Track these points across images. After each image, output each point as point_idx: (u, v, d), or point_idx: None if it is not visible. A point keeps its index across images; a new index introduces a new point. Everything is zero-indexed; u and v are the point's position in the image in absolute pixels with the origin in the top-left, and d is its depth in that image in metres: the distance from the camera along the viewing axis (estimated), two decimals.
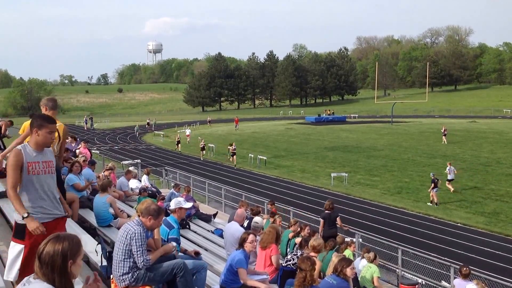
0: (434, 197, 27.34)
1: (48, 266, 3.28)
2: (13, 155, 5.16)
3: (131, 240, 6.04)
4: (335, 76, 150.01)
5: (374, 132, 66.32)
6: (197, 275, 7.10)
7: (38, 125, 5.26)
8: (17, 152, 5.16)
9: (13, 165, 5.11)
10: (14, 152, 5.18)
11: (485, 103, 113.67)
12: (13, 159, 5.11)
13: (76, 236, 3.47)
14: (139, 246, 6.06)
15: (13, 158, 5.11)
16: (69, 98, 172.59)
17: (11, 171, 5.09)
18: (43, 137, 5.27)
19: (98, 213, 9.95)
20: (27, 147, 5.26)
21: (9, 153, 5.84)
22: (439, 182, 27.75)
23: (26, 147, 5.25)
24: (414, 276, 14.54)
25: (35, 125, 5.27)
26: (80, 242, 3.44)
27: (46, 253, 3.29)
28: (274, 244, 9.51)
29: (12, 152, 5.21)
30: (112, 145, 58.84)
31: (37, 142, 5.28)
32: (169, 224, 7.96)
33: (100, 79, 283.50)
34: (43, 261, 3.29)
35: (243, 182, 33.36)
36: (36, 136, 5.26)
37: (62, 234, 3.44)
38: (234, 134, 68.09)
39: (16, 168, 5.12)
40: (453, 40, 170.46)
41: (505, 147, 48.26)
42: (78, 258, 3.39)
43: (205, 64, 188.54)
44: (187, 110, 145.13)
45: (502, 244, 20.84)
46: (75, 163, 11.81)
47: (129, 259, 6.08)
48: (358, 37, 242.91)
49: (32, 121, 5.34)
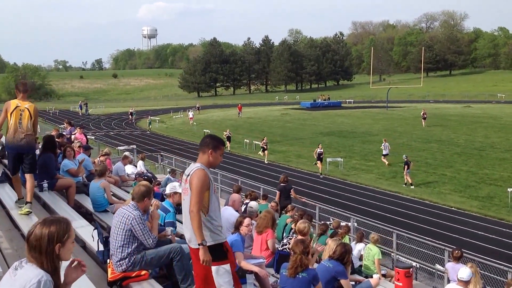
0: (408, 179, 28.12)
1: (36, 250, 3.28)
2: (202, 175, 5.10)
3: (133, 226, 6.08)
4: (331, 61, 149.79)
5: (369, 117, 66.37)
6: None
7: (214, 147, 5.26)
8: (204, 173, 5.12)
9: (203, 186, 5.06)
10: (202, 173, 5.12)
11: (479, 88, 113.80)
12: (203, 179, 5.06)
13: (65, 219, 3.46)
14: (143, 228, 6.12)
15: (203, 178, 5.06)
16: (63, 83, 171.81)
17: (199, 191, 5.03)
18: (216, 158, 5.29)
19: (94, 199, 9.96)
20: (205, 166, 5.22)
21: None
22: (411, 164, 28.63)
23: (205, 167, 5.22)
24: (408, 259, 14.65)
25: (211, 146, 5.25)
26: (69, 225, 3.42)
27: (33, 236, 3.30)
28: (270, 229, 9.57)
29: (199, 172, 5.14)
30: (107, 130, 58.74)
31: (210, 162, 5.27)
32: (165, 208, 8.01)
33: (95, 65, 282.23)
34: (31, 245, 3.29)
35: (239, 168, 33.40)
36: (210, 157, 5.25)
37: (51, 217, 3.45)
38: (229, 120, 68.03)
39: (205, 190, 5.10)
40: (448, 25, 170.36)
41: (499, 132, 48.43)
42: (67, 241, 3.37)
43: (200, 49, 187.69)
44: (182, 95, 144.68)
45: (496, 227, 21.01)
46: (67, 148, 11.79)
47: (127, 244, 6.12)
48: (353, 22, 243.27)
49: (208, 142, 5.31)
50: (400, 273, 11.59)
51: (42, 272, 3.24)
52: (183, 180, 5.32)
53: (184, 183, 5.25)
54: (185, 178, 5.26)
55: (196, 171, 5.12)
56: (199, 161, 5.29)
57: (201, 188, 5.04)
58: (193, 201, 5.01)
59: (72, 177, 11.00)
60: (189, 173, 5.17)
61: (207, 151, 5.24)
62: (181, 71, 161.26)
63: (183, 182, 5.33)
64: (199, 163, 5.24)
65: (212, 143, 5.27)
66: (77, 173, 11.37)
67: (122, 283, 6.23)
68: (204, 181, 5.06)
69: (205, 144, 5.28)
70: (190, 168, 5.31)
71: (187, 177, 5.19)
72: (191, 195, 5.05)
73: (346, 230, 13.62)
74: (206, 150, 5.24)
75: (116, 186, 13.22)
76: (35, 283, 3.18)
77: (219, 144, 5.30)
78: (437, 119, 60.81)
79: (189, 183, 5.12)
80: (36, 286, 3.18)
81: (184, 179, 5.31)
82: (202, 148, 5.29)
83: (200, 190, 5.03)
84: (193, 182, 5.05)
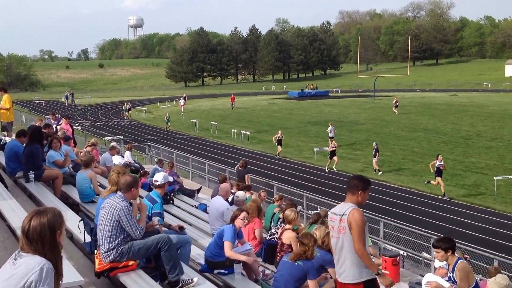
0: (375, 165, 28.80)
1: (38, 242, 3.29)
2: (361, 215, 5.34)
3: (120, 216, 6.06)
4: (318, 51, 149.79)
5: (357, 107, 66.52)
6: (181, 249, 7.15)
7: (363, 188, 5.48)
8: (361, 212, 5.38)
9: (363, 225, 5.32)
10: (360, 212, 5.37)
11: (466, 77, 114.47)
12: (362, 219, 5.32)
13: (55, 208, 3.50)
14: (130, 219, 6.12)
15: (362, 218, 5.32)
16: (49, 74, 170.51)
17: (361, 230, 5.30)
18: (364, 198, 5.53)
19: (81, 189, 9.92)
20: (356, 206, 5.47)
21: None
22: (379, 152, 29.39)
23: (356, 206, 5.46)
24: (395, 248, 14.75)
25: (360, 188, 5.47)
26: (60, 212, 3.46)
27: (33, 229, 3.30)
28: (257, 218, 9.60)
29: (358, 212, 5.36)
30: (94, 121, 58.43)
31: (359, 202, 5.49)
32: (152, 199, 7.97)
33: (81, 55, 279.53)
34: (31, 238, 3.30)
35: (227, 158, 33.38)
36: (359, 198, 5.48)
37: (43, 208, 3.46)
38: (217, 110, 67.90)
39: (365, 227, 5.37)
40: (435, 14, 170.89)
41: (485, 120, 48.75)
42: (63, 228, 3.43)
43: (187, 38, 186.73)
44: (169, 85, 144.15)
45: (482, 215, 21.17)
46: (53, 139, 11.71)
47: (115, 235, 6.10)
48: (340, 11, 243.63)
49: (357, 184, 5.52)
50: (387, 261, 11.70)
51: (44, 260, 3.26)
52: (336, 219, 5.49)
53: (339, 222, 5.45)
54: (338, 217, 5.46)
55: (353, 211, 5.36)
56: (349, 201, 5.54)
57: (362, 227, 5.35)
58: (357, 239, 5.30)
59: (58, 168, 10.93)
60: (344, 213, 5.41)
61: (356, 193, 5.50)
62: (168, 61, 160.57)
63: (336, 221, 5.51)
64: (350, 203, 5.48)
65: (361, 185, 5.52)
66: (63, 164, 11.30)
67: (109, 274, 6.22)
68: (363, 220, 5.37)
69: (355, 186, 5.54)
70: (341, 208, 5.53)
71: (341, 217, 5.41)
72: (353, 234, 5.31)
73: None
74: (355, 191, 5.50)
75: (103, 176, 13.15)
76: (38, 270, 3.20)
77: (367, 185, 5.58)
78: (423, 108, 61.11)
79: (346, 222, 5.36)
80: (39, 273, 3.20)
81: (337, 218, 5.50)
82: (351, 190, 5.55)
83: (362, 229, 5.33)
84: (353, 221, 5.31)
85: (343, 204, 5.53)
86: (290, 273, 6.67)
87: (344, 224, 5.35)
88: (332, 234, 5.65)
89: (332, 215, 5.57)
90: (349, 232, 5.31)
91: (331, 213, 5.64)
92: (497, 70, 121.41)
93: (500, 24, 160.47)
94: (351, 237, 5.31)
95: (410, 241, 15.13)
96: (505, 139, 38.01)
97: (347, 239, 5.36)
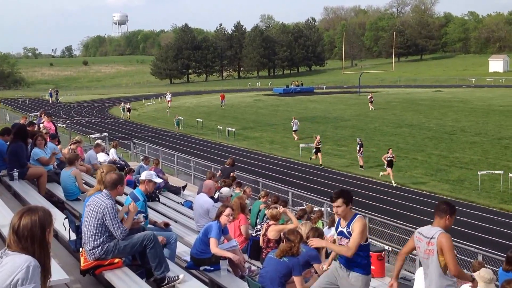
0: (360, 160, 28.85)
1: (28, 239, 3.30)
2: (449, 238, 5.47)
3: (104, 215, 6.05)
4: (303, 47, 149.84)
5: (342, 103, 66.76)
6: (167, 246, 7.15)
7: (451, 213, 5.60)
8: (449, 236, 5.50)
9: (453, 248, 5.54)
10: (449, 236, 5.49)
11: (450, 73, 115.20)
12: (451, 242, 5.48)
13: (43, 206, 3.52)
14: (113, 218, 6.09)
15: (451, 242, 5.47)
16: (33, 71, 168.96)
17: (453, 253, 5.50)
18: (451, 223, 5.63)
19: (65, 187, 9.86)
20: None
21: None
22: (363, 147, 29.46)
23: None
24: (380, 243, 14.83)
25: (448, 213, 5.59)
26: (50, 211, 3.48)
27: (24, 227, 3.30)
28: (242, 214, 9.63)
29: (447, 235, 5.49)
30: (78, 118, 58.06)
31: (446, 226, 5.59)
32: (135, 196, 7.94)
33: (65, 52, 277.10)
34: (21, 235, 3.30)
35: (212, 154, 33.36)
36: (447, 222, 5.59)
37: (33, 206, 3.48)
38: (202, 107, 67.77)
39: (453, 248, 5.56)
40: (419, 9, 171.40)
41: (469, 116, 49.13)
42: (52, 226, 3.45)
43: (172, 35, 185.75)
44: (154, 82, 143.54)
45: (467, 210, 21.35)
46: (38, 137, 11.63)
47: (100, 233, 6.09)
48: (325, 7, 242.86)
49: (446, 208, 5.63)
50: (372, 256, 11.75)
51: (30, 258, 3.26)
52: (423, 241, 5.63)
53: (427, 245, 5.58)
54: (426, 240, 5.58)
55: (442, 234, 5.50)
56: (436, 224, 5.66)
57: (453, 250, 5.52)
58: (452, 262, 5.45)
59: (43, 166, 10.87)
60: (432, 236, 5.54)
61: (444, 217, 5.61)
62: (152, 58, 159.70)
63: (423, 242, 5.64)
64: (438, 227, 5.61)
65: (449, 210, 5.64)
66: (48, 162, 11.23)
67: (95, 272, 6.21)
68: (452, 243, 5.51)
69: (443, 210, 5.65)
70: (429, 231, 5.64)
71: (429, 240, 5.55)
72: (447, 258, 5.46)
73: (319, 215, 13.76)
74: (443, 215, 5.62)
75: (88, 174, 13.10)
76: (24, 268, 3.20)
77: (455, 210, 5.70)
78: (408, 104, 61.46)
79: (435, 246, 5.50)
80: (25, 271, 3.20)
81: (424, 240, 5.63)
82: (439, 214, 5.66)
83: (453, 251, 5.52)
84: (444, 247, 5.44)
85: (431, 227, 5.67)
86: (275, 269, 6.69)
87: (432, 247, 5.52)
88: (418, 252, 5.86)
89: (419, 236, 5.73)
90: (437, 255, 5.48)
91: (418, 233, 5.79)
92: (481, 66, 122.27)
93: (484, 20, 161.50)
94: (437, 260, 5.49)
95: (395, 236, 15.24)
96: (489, 134, 38.35)
97: (433, 261, 5.54)
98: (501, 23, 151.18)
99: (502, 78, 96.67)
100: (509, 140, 35.82)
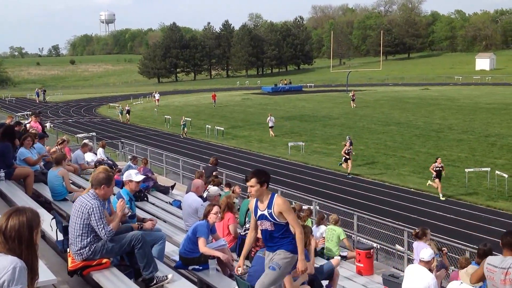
0: (349, 165, 28.14)
1: (15, 240, 3.28)
2: None
3: (90, 215, 6.00)
4: (291, 46, 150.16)
5: (330, 101, 66.91)
6: (155, 246, 7.12)
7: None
8: None
9: None
10: None
11: (437, 71, 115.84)
12: None
13: (31, 207, 3.51)
14: (98, 219, 6.02)
15: None
16: (19, 70, 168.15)
17: None
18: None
19: (52, 187, 9.80)
20: None
21: None
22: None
23: None
24: (369, 240, 14.88)
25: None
26: (38, 212, 3.46)
27: (11, 228, 3.29)
28: (230, 213, 9.62)
29: None
30: (65, 118, 57.73)
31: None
32: (120, 196, 7.89)
33: (52, 51, 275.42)
34: (8, 236, 3.28)
35: (201, 154, 33.30)
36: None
37: (21, 207, 3.46)
38: (190, 106, 67.65)
39: None
40: (406, 8, 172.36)
41: (457, 113, 49.43)
42: (39, 227, 3.44)
43: (159, 34, 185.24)
44: (142, 81, 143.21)
45: (454, 207, 21.50)
46: (27, 137, 11.55)
47: (86, 233, 6.05)
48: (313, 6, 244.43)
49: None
50: (361, 254, 11.80)
51: (17, 259, 3.24)
52: (497, 271, 5.57)
53: (504, 275, 5.51)
54: (500, 270, 5.53)
55: None
56: (509, 254, 5.60)
57: None
58: None
59: (30, 166, 10.79)
60: (509, 266, 5.49)
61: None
62: (140, 57, 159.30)
63: (496, 273, 5.58)
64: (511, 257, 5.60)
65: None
66: (35, 162, 11.16)
67: (82, 272, 6.18)
68: None
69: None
70: (502, 261, 5.60)
71: (507, 270, 5.49)
72: None
73: (308, 214, 13.74)
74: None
75: (75, 174, 13.04)
76: (10, 270, 3.18)
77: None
78: (396, 102, 61.72)
79: None
80: (11, 273, 3.18)
81: (498, 271, 5.57)
82: (509, 245, 5.62)
83: None
84: None
85: (502, 257, 5.64)
86: (264, 268, 6.69)
87: (508, 276, 5.48)
88: (491, 283, 5.76)
89: (491, 267, 5.68)
90: None
91: (488, 265, 5.73)
92: (468, 64, 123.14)
93: (471, 18, 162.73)
94: None
95: (383, 233, 15.30)
96: (476, 132, 38.59)
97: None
98: (487, 21, 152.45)
99: (488, 76, 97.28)
100: (495, 137, 36.07)
